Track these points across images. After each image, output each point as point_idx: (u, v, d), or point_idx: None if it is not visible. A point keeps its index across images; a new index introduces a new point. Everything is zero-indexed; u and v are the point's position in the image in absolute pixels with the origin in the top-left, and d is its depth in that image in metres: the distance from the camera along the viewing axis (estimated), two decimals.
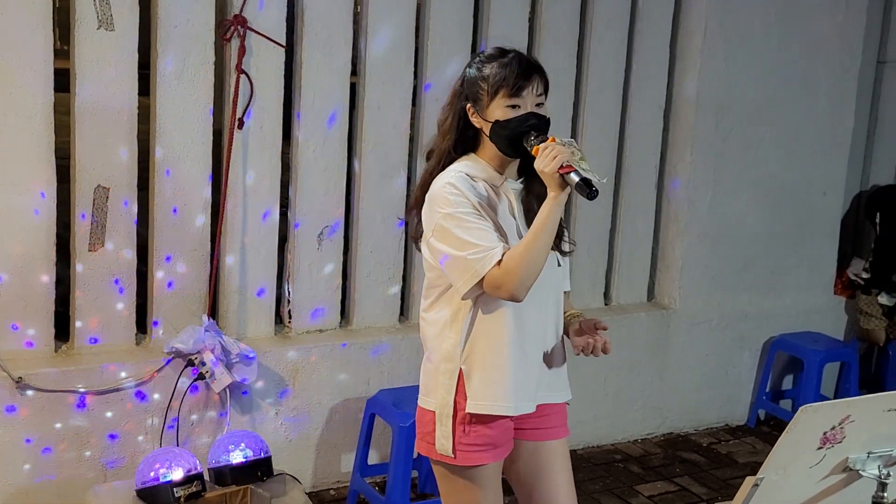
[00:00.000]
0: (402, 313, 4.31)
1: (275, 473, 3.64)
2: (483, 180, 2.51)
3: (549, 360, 2.59)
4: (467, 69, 2.55)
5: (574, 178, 2.34)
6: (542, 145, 2.39)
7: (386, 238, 4.16)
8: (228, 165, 3.75)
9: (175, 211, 3.71)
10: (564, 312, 2.64)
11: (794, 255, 5.14)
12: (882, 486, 2.09)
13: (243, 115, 3.75)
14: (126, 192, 3.61)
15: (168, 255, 3.73)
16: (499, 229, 2.46)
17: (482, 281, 2.39)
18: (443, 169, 2.53)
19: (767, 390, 5.12)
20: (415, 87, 4.16)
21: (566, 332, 2.63)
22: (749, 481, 2.00)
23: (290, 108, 3.93)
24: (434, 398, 2.54)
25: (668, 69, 4.73)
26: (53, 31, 3.44)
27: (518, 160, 2.54)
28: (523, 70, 2.47)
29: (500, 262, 2.37)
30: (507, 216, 2.51)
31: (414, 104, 4.18)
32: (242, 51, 3.70)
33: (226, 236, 3.83)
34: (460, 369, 2.51)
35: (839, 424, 1.98)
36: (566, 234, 2.62)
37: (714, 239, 4.88)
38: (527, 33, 4.32)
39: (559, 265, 2.57)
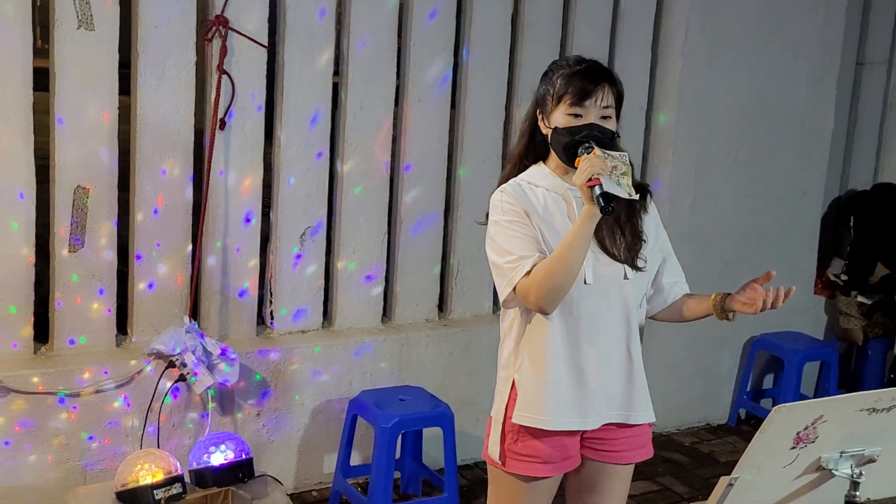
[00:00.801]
0: (384, 314, 4.31)
1: (256, 475, 3.64)
2: (544, 188, 2.50)
3: (615, 377, 2.52)
4: (542, 76, 2.55)
5: (596, 191, 2.29)
6: (583, 157, 2.36)
7: (368, 239, 4.16)
8: (210, 166, 3.75)
9: (156, 212, 3.70)
10: (705, 300, 2.59)
11: (775, 255, 5.16)
12: (854, 485, 2.11)
13: (225, 116, 3.75)
14: (106, 193, 3.60)
15: (149, 256, 3.73)
16: (539, 238, 2.43)
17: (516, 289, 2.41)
18: (516, 175, 2.55)
19: (748, 389, 5.15)
20: (397, 87, 4.17)
21: (730, 314, 2.57)
22: (723, 481, 2.02)
23: (272, 109, 3.93)
24: (495, 403, 2.59)
25: (650, 70, 4.75)
26: (34, 29, 3.43)
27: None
28: (590, 79, 2.44)
29: (529, 272, 2.38)
30: (566, 223, 2.47)
31: (396, 104, 4.18)
32: (224, 51, 3.70)
33: (207, 237, 3.83)
34: (513, 378, 2.53)
35: (812, 424, 2.00)
36: (644, 246, 2.53)
37: (695, 239, 4.89)
38: (509, 34, 4.33)
39: (626, 277, 2.49)
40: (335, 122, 4.07)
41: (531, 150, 2.56)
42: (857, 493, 2.12)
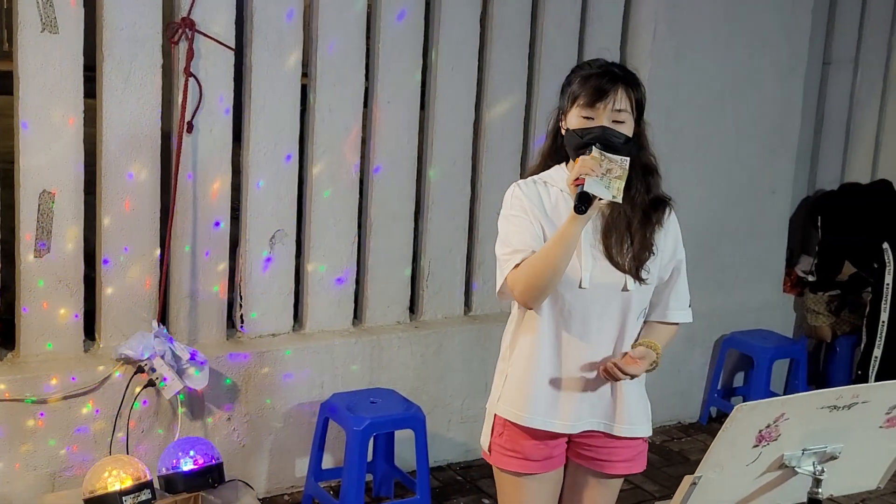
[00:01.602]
0: (355, 316, 4.31)
1: (227, 480, 3.62)
2: (559, 188, 2.50)
3: (601, 385, 2.50)
4: (566, 77, 2.55)
5: (578, 189, 2.30)
6: (580, 158, 2.36)
7: (338, 241, 4.15)
8: (178, 169, 3.73)
9: (123, 215, 3.68)
10: (640, 341, 2.51)
11: (744, 254, 5.20)
12: (817, 482, 2.13)
13: (192, 119, 3.73)
14: (72, 197, 3.57)
15: (116, 261, 3.70)
16: (538, 235, 2.44)
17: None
18: (540, 172, 2.57)
19: (719, 388, 5.18)
20: (366, 89, 4.16)
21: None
22: (687, 480, 2.03)
23: (240, 111, 3.91)
24: (491, 394, 2.62)
25: None
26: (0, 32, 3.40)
27: None
28: (603, 82, 2.42)
29: (518, 266, 2.41)
30: None
31: (366, 106, 4.18)
32: (191, 54, 3.68)
33: (175, 241, 3.80)
34: (507, 372, 2.56)
35: (774, 422, 2.02)
36: (651, 259, 2.49)
37: None
38: (478, 35, 4.34)
39: (626, 289, 2.46)
40: (304, 125, 4.06)
41: (555, 149, 2.57)
42: (820, 490, 2.14)
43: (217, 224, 3.88)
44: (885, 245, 5.08)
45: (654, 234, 2.52)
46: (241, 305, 4.03)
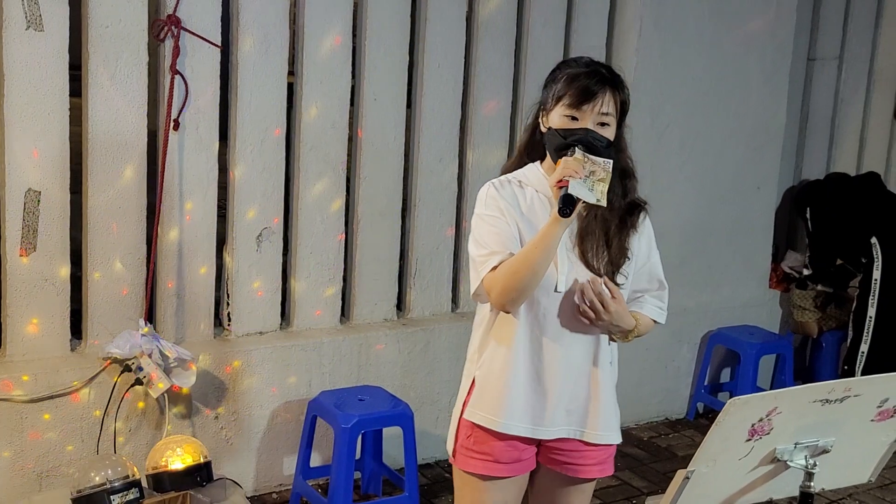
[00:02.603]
0: (343, 314, 4.30)
1: (215, 478, 3.61)
2: (534, 188, 2.47)
3: (577, 391, 2.48)
4: (549, 74, 2.51)
5: (561, 192, 2.27)
6: (562, 160, 2.33)
7: (326, 239, 4.14)
8: (164, 167, 3.71)
9: (109, 214, 3.66)
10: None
11: (730, 250, 5.22)
12: (809, 475, 2.14)
13: (178, 116, 3.71)
14: (58, 196, 3.55)
15: (103, 260, 3.68)
16: (514, 236, 2.40)
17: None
18: (517, 168, 2.53)
19: (706, 383, 5.19)
20: (353, 87, 4.15)
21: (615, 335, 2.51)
22: (680, 474, 2.04)
23: (227, 109, 3.90)
24: (458, 399, 2.57)
25: None
26: None
27: None
28: (591, 84, 2.38)
29: (495, 268, 2.35)
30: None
31: (352, 103, 4.17)
32: (177, 51, 3.66)
33: (162, 239, 3.79)
34: (474, 375, 2.51)
35: (767, 416, 2.02)
36: (626, 263, 2.48)
37: None
38: (464, 32, 4.34)
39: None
40: (290, 122, 4.04)
41: (531, 146, 2.53)
42: (812, 484, 2.15)
43: (203, 222, 3.86)
44: (874, 240, 5.08)
45: (630, 239, 2.51)
46: (228, 304, 4.01)
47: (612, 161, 2.34)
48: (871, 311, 5.05)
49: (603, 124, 2.40)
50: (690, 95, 4.90)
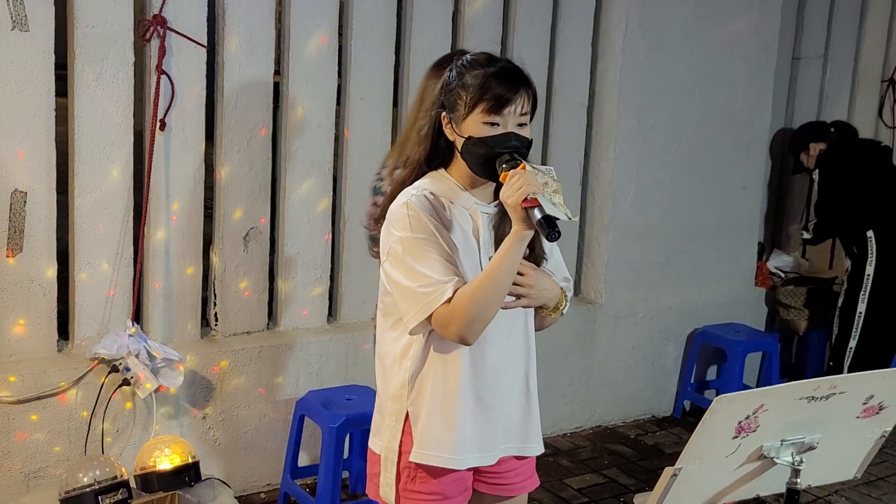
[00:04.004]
0: (330, 313, 4.30)
1: (203, 478, 3.61)
2: (449, 200, 2.27)
3: (514, 409, 2.37)
4: (448, 72, 2.29)
5: (536, 214, 2.09)
6: (510, 172, 2.15)
7: (312, 239, 4.14)
8: (150, 168, 3.70)
9: (96, 214, 3.65)
10: None
11: (716, 248, 5.24)
12: (795, 472, 2.16)
13: (165, 117, 3.70)
14: (44, 196, 3.54)
15: (90, 260, 3.67)
16: (453, 259, 2.21)
17: (431, 316, 2.18)
18: (413, 181, 2.30)
19: (692, 381, 5.22)
20: (339, 86, 4.15)
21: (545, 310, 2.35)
22: (668, 472, 2.05)
23: (213, 109, 3.89)
24: (380, 440, 2.36)
25: (591, 67, 4.79)
26: None
27: (493, 183, 2.27)
28: (509, 83, 2.20)
29: (450, 299, 2.15)
30: (471, 242, 2.27)
31: (338, 103, 4.17)
32: (163, 51, 3.65)
33: (149, 239, 3.78)
34: (407, 411, 2.30)
35: (753, 413, 2.04)
36: (545, 264, 2.35)
37: (638, 234, 4.95)
38: (450, 31, 4.34)
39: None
40: (277, 122, 4.04)
41: (435, 156, 2.31)
42: (798, 481, 2.17)
43: (191, 222, 3.85)
44: (870, 233, 4.95)
45: (542, 239, 2.28)
46: (215, 304, 4.01)
47: (552, 168, 2.22)
48: (861, 307, 5.01)
49: (522, 125, 2.23)
50: (676, 95, 4.92)
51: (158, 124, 3.69)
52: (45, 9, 3.42)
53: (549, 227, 2.09)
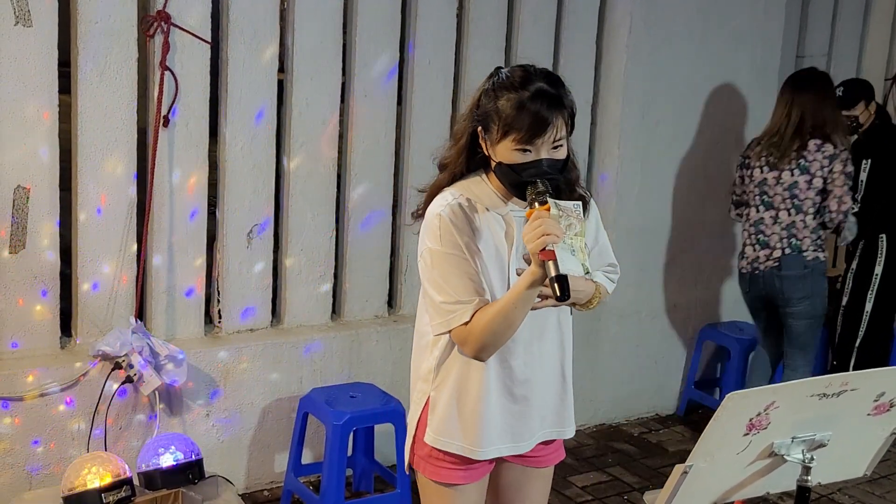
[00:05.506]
0: (333, 311, 4.29)
1: (206, 476, 3.59)
2: (484, 206, 2.30)
3: (550, 397, 2.43)
4: (484, 89, 2.30)
5: (551, 270, 2.09)
6: (535, 213, 2.14)
7: (316, 236, 4.13)
8: (154, 164, 3.69)
9: (99, 211, 3.64)
10: None
11: (720, 246, 5.23)
12: (806, 469, 2.15)
13: (168, 113, 3.69)
14: (47, 193, 3.53)
15: (93, 257, 3.66)
16: (478, 277, 2.24)
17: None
18: (452, 183, 2.34)
19: (696, 379, 5.21)
20: (343, 83, 4.14)
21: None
22: (678, 469, 2.04)
23: (217, 105, 3.88)
24: (411, 410, 2.46)
25: (595, 64, 4.78)
26: None
27: None
28: (541, 115, 2.18)
29: (468, 321, 2.21)
30: (501, 250, 2.31)
31: (343, 100, 4.16)
32: (166, 47, 3.64)
33: (152, 236, 3.77)
34: (430, 395, 2.38)
35: (764, 411, 2.03)
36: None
37: (642, 231, 4.94)
38: (455, 29, 4.33)
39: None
40: (281, 119, 4.03)
41: (471, 165, 2.34)
42: (809, 478, 2.16)
43: (194, 219, 3.84)
44: (882, 236, 4.92)
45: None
46: (218, 301, 3.99)
47: (580, 203, 2.22)
48: (868, 306, 5.00)
49: (556, 147, 2.24)
50: (680, 92, 4.91)
51: (162, 121, 3.68)
52: (49, 4, 3.41)
53: (561, 288, 2.09)
